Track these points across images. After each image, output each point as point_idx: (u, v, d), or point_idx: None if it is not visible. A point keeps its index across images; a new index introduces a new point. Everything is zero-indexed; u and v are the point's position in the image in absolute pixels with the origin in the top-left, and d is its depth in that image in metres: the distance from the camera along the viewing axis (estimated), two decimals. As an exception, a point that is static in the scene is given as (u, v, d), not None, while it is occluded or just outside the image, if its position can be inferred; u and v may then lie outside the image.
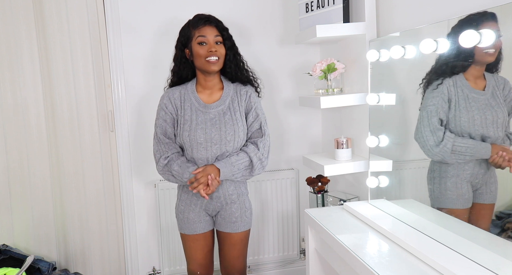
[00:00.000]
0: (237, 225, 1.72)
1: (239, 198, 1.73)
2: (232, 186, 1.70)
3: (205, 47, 1.61)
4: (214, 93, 1.70)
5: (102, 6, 2.15)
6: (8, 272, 1.92)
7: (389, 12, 1.74)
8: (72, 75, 2.16)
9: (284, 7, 2.37)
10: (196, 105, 1.66)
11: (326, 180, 2.16)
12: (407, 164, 1.58)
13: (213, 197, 1.69)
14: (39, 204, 2.20)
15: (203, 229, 1.73)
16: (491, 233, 1.15)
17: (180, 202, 1.74)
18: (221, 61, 1.64)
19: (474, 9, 1.15)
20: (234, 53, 1.69)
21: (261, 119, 1.71)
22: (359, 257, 1.27)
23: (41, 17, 2.10)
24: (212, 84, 1.69)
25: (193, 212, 1.71)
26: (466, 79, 1.19)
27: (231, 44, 1.68)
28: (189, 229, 1.72)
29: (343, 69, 1.98)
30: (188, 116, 1.65)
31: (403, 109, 1.55)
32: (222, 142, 1.63)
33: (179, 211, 1.74)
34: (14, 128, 2.14)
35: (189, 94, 1.68)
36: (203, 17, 1.64)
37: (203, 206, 1.71)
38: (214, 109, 1.66)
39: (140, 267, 2.37)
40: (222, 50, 1.64)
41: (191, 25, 1.64)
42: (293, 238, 2.48)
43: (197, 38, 1.62)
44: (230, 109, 1.67)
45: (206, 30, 1.62)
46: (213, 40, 1.62)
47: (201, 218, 1.72)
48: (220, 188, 1.68)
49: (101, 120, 2.22)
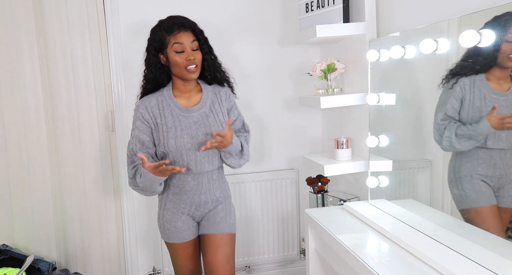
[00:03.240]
0: (221, 226, 1.65)
1: (225, 200, 1.71)
2: (218, 189, 1.68)
3: (183, 55, 1.52)
4: (192, 96, 1.64)
5: (102, 6, 2.15)
6: (8, 272, 1.92)
7: (389, 12, 1.74)
8: (72, 75, 2.15)
9: (284, 7, 2.37)
10: (176, 111, 1.59)
11: (326, 180, 2.16)
12: (407, 164, 1.58)
13: (202, 203, 1.64)
14: (39, 204, 2.20)
15: (192, 236, 1.68)
16: (491, 233, 1.15)
17: (165, 212, 1.66)
18: (199, 67, 1.57)
19: (474, 9, 1.15)
20: (211, 57, 1.62)
21: (242, 117, 1.72)
22: (359, 257, 1.27)
23: (41, 17, 2.10)
24: (190, 88, 1.63)
25: (180, 220, 1.65)
26: (487, 79, 1.17)
27: (208, 47, 1.60)
28: (178, 238, 1.66)
29: (343, 69, 1.98)
30: (171, 123, 1.58)
31: (403, 109, 1.55)
32: None
33: (165, 220, 1.66)
34: (14, 128, 2.14)
35: (167, 100, 1.60)
36: (178, 22, 1.54)
37: (190, 213, 1.66)
38: (196, 113, 1.60)
39: (140, 267, 2.37)
40: (199, 56, 1.56)
41: (165, 30, 1.54)
42: (293, 238, 2.48)
43: (173, 45, 1.52)
44: (212, 111, 1.62)
45: (182, 36, 1.52)
46: (190, 47, 1.53)
47: (189, 225, 1.66)
48: (208, 193, 1.64)
49: (101, 120, 2.22)
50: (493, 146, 1.16)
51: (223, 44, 2.26)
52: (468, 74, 1.20)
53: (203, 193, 1.63)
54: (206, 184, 1.63)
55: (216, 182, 1.67)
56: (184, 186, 1.62)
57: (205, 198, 1.64)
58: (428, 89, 1.41)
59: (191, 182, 1.62)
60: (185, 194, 1.63)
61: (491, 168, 1.18)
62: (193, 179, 1.61)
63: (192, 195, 1.63)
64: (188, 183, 1.62)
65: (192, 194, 1.63)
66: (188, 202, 1.63)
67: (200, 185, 1.62)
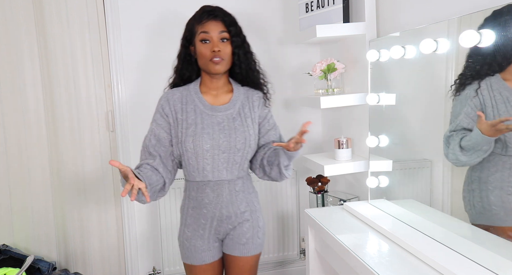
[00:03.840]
0: (248, 248, 1.48)
1: (252, 216, 1.50)
2: (244, 202, 1.48)
3: (208, 46, 1.39)
4: (221, 95, 1.48)
5: (102, 6, 2.15)
6: (8, 272, 1.92)
7: (389, 12, 1.74)
8: (72, 75, 2.16)
9: (284, 7, 2.37)
10: (200, 108, 1.44)
11: (326, 180, 2.16)
12: (407, 164, 1.58)
13: (223, 218, 1.46)
14: (39, 204, 2.20)
15: (213, 258, 1.49)
16: (491, 233, 1.15)
17: (185, 228, 1.49)
18: (227, 61, 1.41)
19: (474, 9, 1.15)
20: (245, 52, 1.46)
21: (279, 128, 1.56)
22: (359, 257, 1.27)
23: (41, 17, 2.10)
24: (219, 85, 1.47)
25: (201, 238, 1.47)
26: (504, 80, 1.06)
27: (241, 41, 1.44)
28: (197, 259, 1.47)
29: (343, 69, 1.98)
30: (192, 120, 1.42)
31: (403, 109, 1.55)
32: (231, 150, 1.41)
33: (185, 238, 1.48)
34: (14, 128, 2.14)
35: (191, 95, 1.46)
36: (208, 10, 1.42)
37: (212, 230, 1.47)
38: (222, 113, 1.44)
39: (140, 267, 2.37)
40: (228, 49, 1.41)
41: (196, 19, 1.43)
42: (293, 238, 2.48)
43: (200, 34, 1.40)
44: (240, 114, 1.45)
45: (210, 25, 1.39)
46: (217, 37, 1.39)
47: (210, 245, 1.48)
48: (230, 206, 1.46)
49: (101, 120, 2.22)
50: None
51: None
52: (483, 77, 1.09)
53: (224, 206, 1.45)
54: (228, 196, 1.45)
55: (240, 193, 1.48)
56: (203, 198, 1.45)
57: (227, 212, 1.46)
58: (428, 89, 1.41)
59: (210, 194, 1.44)
60: (204, 208, 1.45)
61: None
62: (212, 190, 1.44)
63: (212, 209, 1.45)
64: (207, 195, 1.44)
65: (212, 208, 1.45)
66: (208, 217, 1.46)
67: (220, 197, 1.44)
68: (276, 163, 1.43)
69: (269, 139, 1.52)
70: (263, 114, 1.51)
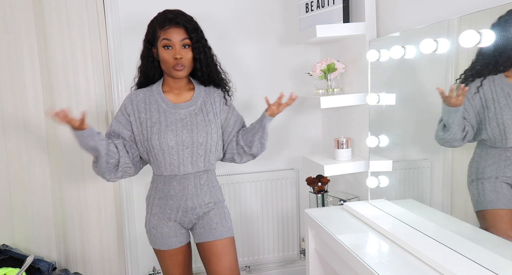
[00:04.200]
0: (219, 231, 1.57)
1: (216, 205, 1.61)
2: (208, 194, 1.58)
3: (171, 52, 1.46)
4: (183, 93, 1.58)
5: (102, 6, 2.15)
6: (8, 272, 1.92)
7: (389, 12, 1.74)
8: (72, 75, 2.15)
9: (284, 7, 2.37)
10: (163, 107, 1.53)
11: (326, 180, 2.16)
12: (407, 164, 1.58)
13: (188, 209, 1.56)
14: (39, 204, 2.20)
15: (180, 243, 1.60)
16: (491, 233, 1.15)
17: (151, 217, 1.59)
18: (188, 67, 1.50)
19: (474, 9, 1.15)
20: (206, 57, 1.53)
21: (242, 117, 1.68)
22: (359, 257, 1.27)
23: (41, 17, 2.10)
24: (181, 85, 1.57)
25: (166, 226, 1.57)
26: (506, 76, 1.13)
27: (202, 47, 1.51)
28: (164, 245, 1.58)
29: (343, 69, 1.98)
30: (156, 118, 1.51)
31: (403, 109, 1.55)
32: (194, 144, 1.51)
33: (152, 226, 1.58)
34: (14, 129, 2.14)
35: (154, 96, 1.55)
36: (171, 17, 1.48)
37: (177, 219, 1.57)
38: (184, 110, 1.53)
39: (140, 267, 2.37)
40: (189, 55, 1.49)
41: (158, 23, 1.49)
42: (293, 238, 2.48)
43: (162, 41, 1.47)
44: (202, 110, 1.55)
45: (172, 33, 1.46)
46: (179, 44, 1.46)
47: (177, 231, 1.58)
48: (195, 198, 1.55)
49: (101, 120, 2.22)
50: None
51: (222, 44, 2.26)
52: (486, 76, 1.16)
53: (189, 198, 1.55)
54: (193, 189, 1.55)
55: (205, 187, 1.58)
56: (169, 190, 1.55)
57: (192, 204, 1.56)
58: (428, 89, 1.41)
59: (176, 187, 1.54)
60: (170, 199, 1.55)
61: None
62: (179, 183, 1.54)
63: (178, 200, 1.55)
64: (174, 187, 1.54)
65: (178, 199, 1.55)
66: (174, 208, 1.56)
67: (186, 189, 1.54)
68: (257, 137, 1.59)
69: (237, 127, 1.65)
70: (226, 109, 1.62)
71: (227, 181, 2.34)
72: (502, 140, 1.15)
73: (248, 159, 1.67)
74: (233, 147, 1.63)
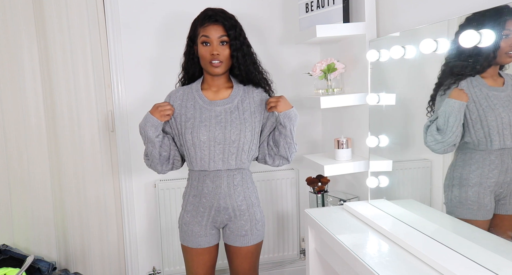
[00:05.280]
0: (247, 239, 1.59)
1: (249, 209, 1.59)
2: (241, 195, 1.58)
3: (208, 49, 1.50)
4: (221, 91, 1.59)
5: (102, 6, 2.15)
6: (8, 272, 1.92)
7: (389, 12, 1.74)
8: (72, 75, 2.15)
9: (284, 7, 2.37)
10: (200, 103, 1.56)
11: (326, 180, 2.16)
12: (407, 164, 1.58)
13: (221, 209, 1.56)
14: (39, 204, 2.20)
15: (208, 243, 1.60)
16: (491, 233, 1.15)
17: (185, 213, 1.61)
18: (225, 63, 1.52)
19: (474, 9, 1.15)
20: (244, 54, 1.54)
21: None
22: (359, 257, 1.27)
23: (41, 17, 2.10)
24: (219, 83, 1.59)
25: (199, 225, 1.58)
26: (482, 78, 1.14)
27: (240, 44, 1.52)
28: (192, 242, 1.59)
29: (343, 69, 1.98)
30: (191, 114, 1.55)
31: (403, 109, 1.55)
32: (226, 141, 1.52)
33: (184, 222, 1.61)
34: (14, 129, 2.14)
35: (193, 92, 1.59)
36: (210, 14, 1.52)
37: (210, 219, 1.58)
38: (220, 107, 1.55)
39: (140, 267, 2.37)
40: (226, 52, 1.51)
41: (198, 21, 1.54)
42: (293, 238, 2.48)
43: (201, 37, 1.51)
44: (238, 108, 1.56)
45: (210, 29, 1.50)
46: (216, 41, 1.50)
47: (207, 231, 1.59)
48: (228, 198, 1.55)
49: (101, 120, 2.22)
50: (504, 145, 1.11)
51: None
52: (463, 77, 1.18)
53: (222, 197, 1.55)
54: (226, 188, 1.55)
55: (239, 187, 1.57)
56: (203, 188, 1.56)
57: (224, 203, 1.55)
58: (428, 89, 1.41)
59: (209, 185, 1.55)
60: (204, 197, 1.56)
61: (503, 173, 1.13)
62: (212, 181, 1.55)
63: (211, 199, 1.55)
64: (207, 185, 1.56)
65: (211, 198, 1.55)
66: (207, 206, 1.57)
67: (219, 188, 1.55)
68: (282, 137, 1.57)
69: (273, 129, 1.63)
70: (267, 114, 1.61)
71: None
72: (486, 142, 1.15)
73: (281, 161, 1.63)
74: (264, 147, 1.63)
